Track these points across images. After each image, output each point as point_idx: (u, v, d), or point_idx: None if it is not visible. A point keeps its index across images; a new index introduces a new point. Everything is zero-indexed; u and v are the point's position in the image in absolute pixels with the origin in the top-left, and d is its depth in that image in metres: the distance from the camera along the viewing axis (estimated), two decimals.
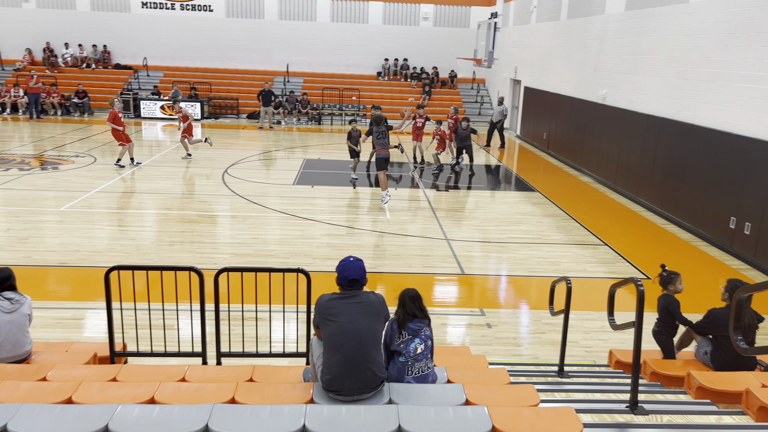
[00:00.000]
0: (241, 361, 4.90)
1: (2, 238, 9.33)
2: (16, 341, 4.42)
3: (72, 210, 10.95)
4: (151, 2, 26.07)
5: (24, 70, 24.94)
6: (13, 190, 12.05)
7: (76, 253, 8.76)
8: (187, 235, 9.85)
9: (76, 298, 7.41)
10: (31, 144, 17.45)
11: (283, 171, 15.24)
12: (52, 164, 14.62)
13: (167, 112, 23.48)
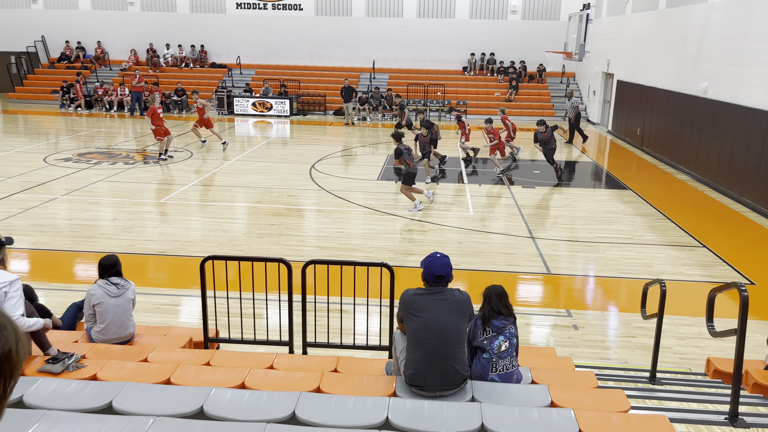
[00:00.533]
0: (325, 352, 5.02)
1: (109, 227, 10.01)
2: (121, 324, 4.74)
3: (170, 202, 11.58)
4: (244, 3, 27.07)
5: (129, 70, 26.60)
6: (119, 183, 12.90)
7: (174, 243, 9.26)
8: (275, 227, 10.18)
9: (173, 285, 7.84)
10: (135, 140, 18.60)
11: (368, 167, 15.42)
12: (153, 159, 15.52)
13: (259, 109, 24.33)
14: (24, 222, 10.02)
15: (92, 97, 24.84)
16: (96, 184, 12.71)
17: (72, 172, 13.67)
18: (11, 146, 16.74)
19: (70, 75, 25.98)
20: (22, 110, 24.10)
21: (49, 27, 27.78)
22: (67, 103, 24.50)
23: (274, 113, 24.41)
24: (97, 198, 11.79)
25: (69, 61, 27.45)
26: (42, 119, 22.39)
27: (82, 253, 8.81)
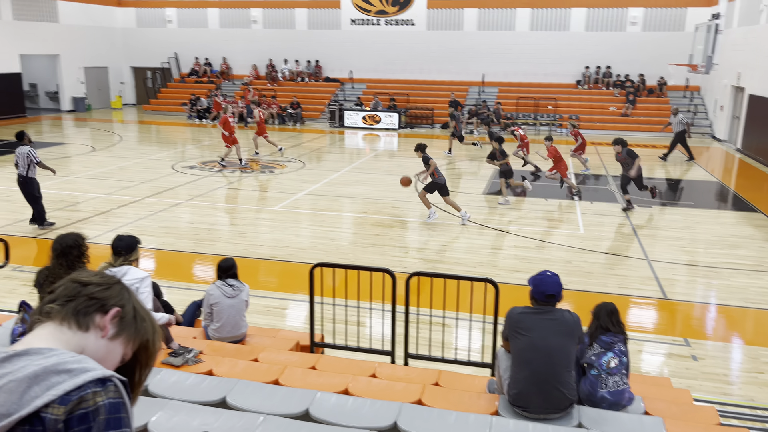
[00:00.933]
0: (426, 364, 5.01)
1: (226, 231, 10.62)
2: (234, 323, 5.01)
3: (283, 210, 12.09)
4: (359, 19, 27.89)
5: (250, 84, 28.18)
6: (236, 190, 13.66)
7: (285, 249, 9.66)
8: (380, 238, 10.34)
9: (282, 289, 8.16)
10: (252, 149, 19.64)
11: (474, 180, 15.29)
12: (268, 168, 16.31)
13: (368, 122, 24.89)
14: (152, 224, 10.85)
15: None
16: (216, 191, 13.54)
17: (196, 179, 14.65)
18: (144, 154, 18.23)
19: (198, 89, 27.93)
20: (155, 121, 26.22)
21: (181, 45, 30.07)
22: (194, 115, 26.32)
23: (383, 126, 24.86)
24: (216, 204, 12.55)
25: (197, 76, 29.54)
26: (172, 129, 24.22)
27: (202, 255, 9.40)
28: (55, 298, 1.33)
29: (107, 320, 1.33)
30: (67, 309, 1.31)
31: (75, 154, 18.01)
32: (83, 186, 13.79)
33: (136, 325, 1.36)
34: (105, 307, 1.33)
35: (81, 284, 1.35)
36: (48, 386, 1.14)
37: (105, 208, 11.82)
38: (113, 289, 1.37)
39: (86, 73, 29.07)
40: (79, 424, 1.14)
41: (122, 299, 1.37)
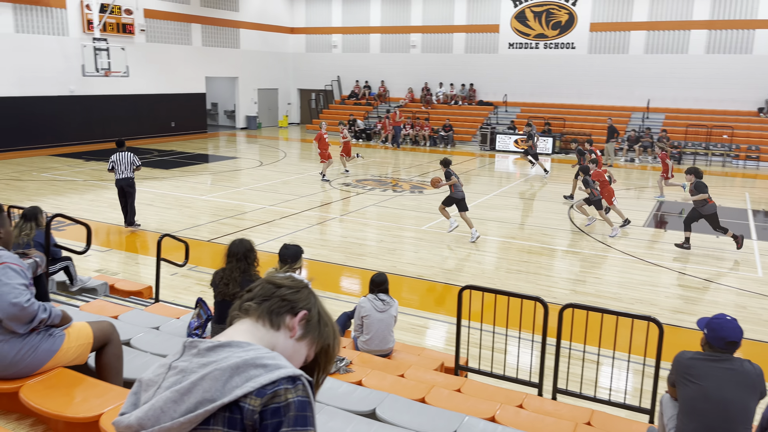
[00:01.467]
0: (576, 402, 4.74)
1: (375, 247, 10.93)
2: (383, 337, 5.11)
3: (430, 230, 12.21)
4: (517, 43, 27.62)
5: (405, 107, 28.98)
6: (387, 208, 14.05)
7: (430, 269, 9.72)
8: (528, 265, 10.04)
9: (426, 308, 8.20)
10: (403, 170, 20.12)
11: (633, 211, 14.36)
12: (418, 188, 16.60)
13: (521, 146, 24.45)
14: (309, 236, 11.49)
15: (372, 130, 27.60)
16: (368, 208, 14.03)
17: (350, 195, 15.30)
18: (305, 170, 19.41)
19: (356, 110, 29.29)
20: None
21: (344, 68, 31.78)
22: (351, 135, 27.56)
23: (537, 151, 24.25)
24: (367, 220, 12.99)
25: (356, 98, 31.00)
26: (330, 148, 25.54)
27: (352, 268, 9.75)
28: (253, 297, 1.44)
29: (296, 322, 1.42)
30: (263, 308, 1.41)
31: (245, 167, 19.66)
32: (250, 197, 14.98)
33: (320, 328, 1.44)
34: (294, 309, 1.43)
35: (275, 286, 1.45)
36: (247, 378, 1.24)
37: (268, 218, 12.73)
38: (302, 292, 1.46)
39: (259, 94, 31.74)
40: (272, 417, 1.22)
41: (309, 303, 1.45)
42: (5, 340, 2.80)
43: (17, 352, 2.82)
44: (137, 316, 5.16)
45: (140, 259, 10.05)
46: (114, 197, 14.69)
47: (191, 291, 8.34)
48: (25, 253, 3.48)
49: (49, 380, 2.84)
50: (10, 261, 2.83)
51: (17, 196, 13.98)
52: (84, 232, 6.63)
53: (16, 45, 20.40)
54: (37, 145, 21.38)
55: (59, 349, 2.94)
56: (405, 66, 30.21)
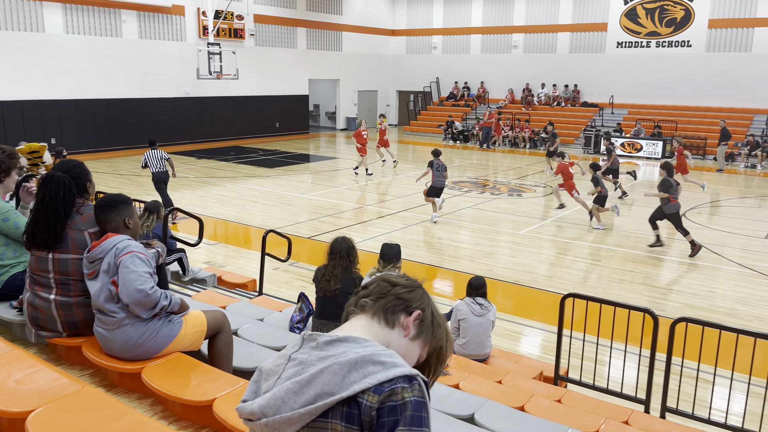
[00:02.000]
0: (687, 422, 4.45)
1: (471, 250, 10.82)
2: (480, 342, 5.05)
3: (529, 234, 11.92)
4: (626, 41, 26.38)
5: (505, 108, 28.49)
6: (484, 211, 13.86)
7: (529, 275, 9.49)
8: (633, 274, 9.56)
9: (523, 314, 8.01)
10: (501, 172, 19.78)
11: (753, 221, 13.30)
12: (516, 191, 16.25)
13: (627, 149, 23.34)
14: (405, 236, 11.55)
15: (469, 131, 27.35)
16: (464, 210, 13.91)
17: (446, 197, 15.24)
18: (402, 170, 19.55)
19: (455, 111, 29.15)
20: (413, 141, 28.01)
21: (443, 69, 31.72)
22: (448, 136, 27.48)
23: (644, 155, 23.08)
24: (463, 222, 12.88)
25: (455, 100, 30.84)
26: (427, 149, 25.60)
27: (447, 270, 9.70)
28: (368, 294, 1.47)
29: (410, 321, 1.43)
30: (378, 305, 1.44)
31: (343, 167, 20.10)
32: (348, 196, 15.29)
33: (433, 329, 1.45)
34: (409, 308, 1.44)
35: (390, 284, 1.47)
36: (365, 374, 1.26)
37: (365, 218, 12.94)
38: (416, 292, 1.47)
39: (359, 96, 32.35)
40: (389, 414, 1.23)
41: (423, 303, 1.46)
42: (131, 324, 3.03)
43: (141, 335, 3.04)
44: (243, 308, 5.40)
45: (244, 252, 10.53)
46: (222, 193, 15.44)
47: (292, 285, 8.64)
48: (149, 243, 3.75)
49: (168, 363, 3.04)
50: (137, 250, 3.05)
51: (137, 190, 15.08)
52: (196, 225, 7.04)
53: (140, 50, 22.03)
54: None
55: (177, 334, 3.14)
56: (506, 67, 29.69)
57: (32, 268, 3.29)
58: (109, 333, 3.05)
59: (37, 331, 3.34)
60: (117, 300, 3.02)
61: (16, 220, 3.74)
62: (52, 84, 19.86)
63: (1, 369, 2.73)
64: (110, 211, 3.17)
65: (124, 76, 21.71)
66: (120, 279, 2.97)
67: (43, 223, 3.16)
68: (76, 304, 3.24)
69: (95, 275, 3.07)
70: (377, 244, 10.21)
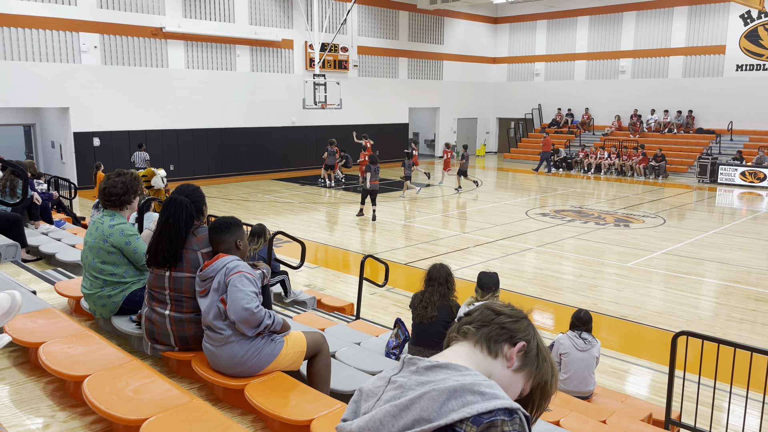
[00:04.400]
0: None
1: (574, 282, 10.41)
2: (582, 378, 4.82)
3: (636, 267, 11.30)
4: (747, 64, 24.72)
5: (611, 135, 27.44)
6: (588, 241, 13.33)
7: (636, 309, 8.98)
8: (756, 314, 8.79)
9: (630, 352, 7.57)
10: (607, 201, 18.98)
11: None
12: (623, 221, 15.51)
13: (748, 179, 21.70)
14: (503, 265, 11.32)
15: (573, 159, 26.55)
16: (566, 240, 13.44)
17: (548, 227, 14.82)
18: (500, 198, 19.27)
19: (557, 139, 28.43)
20: (513, 168, 27.59)
21: (545, 96, 31.14)
22: (551, 164, 26.81)
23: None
24: (565, 253, 12.44)
25: (558, 127, 30.11)
26: (528, 177, 25.11)
27: (548, 302, 9.38)
28: (471, 321, 1.45)
29: (514, 352, 1.40)
30: (482, 333, 1.42)
31: (441, 195, 20.10)
32: (446, 224, 15.25)
33: (537, 362, 1.41)
34: (513, 338, 1.41)
35: (495, 312, 1.45)
36: (464, 403, 1.23)
37: (462, 246, 12.83)
38: (521, 323, 1.44)
39: (458, 124, 32.40)
40: None
41: (529, 334, 1.43)
42: (236, 341, 3.17)
43: (245, 352, 3.17)
44: (341, 331, 5.50)
45: (343, 277, 10.74)
46: (325, 219, 15.93)
47: (388, 311, 8.69)
48: (255, 264, 3.92)
49: (269, 382, 3.14)
50: (245, 270, 3.21)
51: (245, 215, 15.87)
52: (299, 248, 7.29)
53: (251, 82, 23.39)
54: (262, 170, 24.17)
55: (279, 353, 3.24)
56: (612, 93, 28.67)
57: (151, 285, 3.54)
58: (216, 349, 3.21)
59: (153, 344, 3.57)
60: (225, 317, 3.17)
61: (137, 246, 4.05)
62: (173, 115, 21.49)
63: (121, 378, 2.94)
64: (224, 233, 3.37)
65: (237, 107, 23.10)
66: (228, 297, 3.13)
67: (166, 242, 3.40)
68: (188, 320, 3.44)
69: (206, 293, 3.25)
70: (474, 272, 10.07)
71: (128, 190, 4.14)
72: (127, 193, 4.13)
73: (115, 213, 4.13)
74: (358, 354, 4.43)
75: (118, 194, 4.09)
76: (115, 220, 4.07)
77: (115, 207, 4.14)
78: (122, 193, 4.11)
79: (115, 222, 4.05)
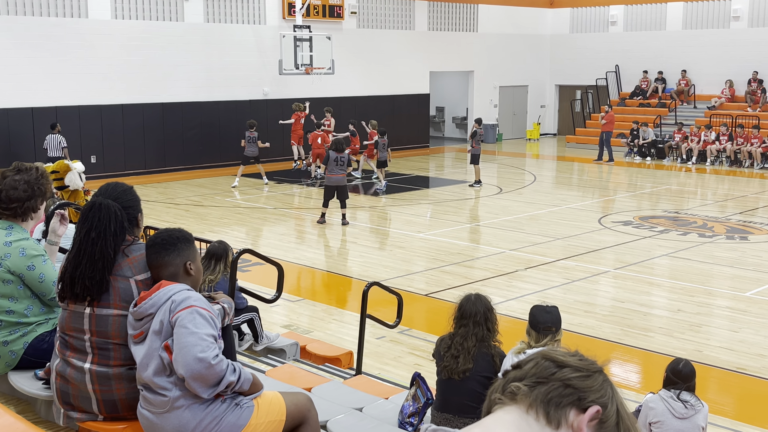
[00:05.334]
0: None
1: (670, 320, 10.39)
2: None
3: (758, 297, 11.28)
4: None
5: (719, 108, 27.42)
6: (688, 261, 13.32)
7: (760, 359, 8.95)
8: None
9: (750, 419, 7.55)
10: (715, 203, 18.96)
11: None
12: (740, 232, 15.49)
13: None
14: (566, 296, 11.32)
15: (666, 143, 26.53)
16: (657, 260, 13.44)
17: (630, 240, 14.81)
18: (563, 200, 19.28)
19: (642, 115, 28.44)
20: (580, 157, 27.60)
21: (626, 54, 31.15)
22: (634, 150, 26.79)
23: None
24: (656, 278, 12.44)
25: (644, 97, 30.12)
26: (602, 169, 25.10)
27: (632, 349, 9.37)
28: (523, 376, 1.45)
29: (584, 420, 1.39)
30: (537, 394, 1.42)
31: (479, 196, 20.14)
32: (485, 237, 15.27)
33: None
34: (582, 402, 1.41)
35: (556, 365, 1.45)
36: None
37: (508, 268, 12.84)
38: (594, 378, 1.44)
39: (501, 94, 32.45)
40: None
41: (605, 395, 1.43)
42: (186, 406, 3.18)
43: (199, 422, 3.18)
44: (335, 391, 5.50)
45: (338, 313, 10.77)
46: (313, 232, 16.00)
47: (402, 362, 8.70)
48: (212, 296, 3.93)
49: None
50: (199, 305, 3.22)
51: (198, 226, 15.92)
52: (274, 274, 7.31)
53: (206, 37, 23.49)
54: (222, 163, 24.20)
55: (246, 424, 3.25)
56: (722, 48, 28.63)
57: (63, 327, 3.55)
58: (157, 418, 3.22)
59: (67, 411, 3.59)
60: (170, 372, 3.18)
61: (44, 271, 4.03)
62: (94, 84, 21.50)
63: None
64: (168, 252, 3.38)
65: (185, 73, 23.19)
66: (175, 343, 3.13)
67: (87, 266, 3.40)
68: (116, 376, 3.45)
69: (143, 337, 3.26)
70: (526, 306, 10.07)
71: (34, 193, 4.14)
72: (32, 198, 4.13)
73: (14, 225, 4.13)
74: (359, 423, 4.43)
75: (21, 199, 4.10)
76: (14, 235, 4.08)
77: (15, 217, 4.14)
78: (26, 198, 4.11)
79: (14, 238, 4.06)
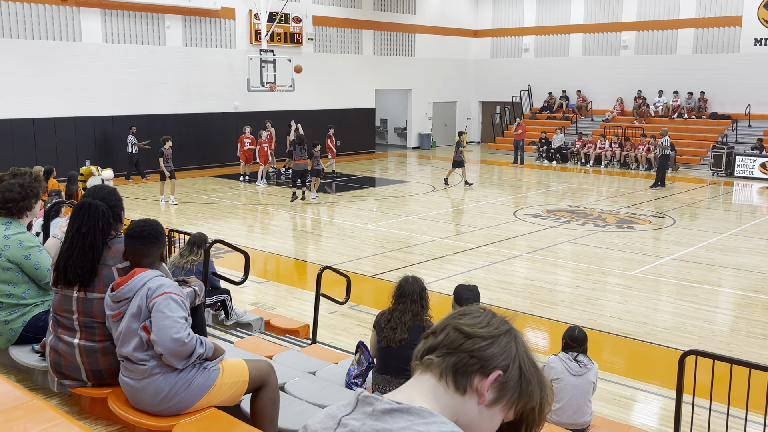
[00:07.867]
0: None
1: (570, 294, 10.58)
2: (577, 408, 4.91)
3: (642, 276, 11.54)
4: (766, 39, 25.45)
5: (612, 120, 27.95)
6: (585, 246, 13.56)
7: (641, 326, 9.16)
8: None
9: (634, 376, 7.72)
10: (608, 199, 19.33)
11: None
12: (627, 223, 15.82)
13: None
14: (487, 275, 11.44)
15: (568, 149, 26.96)
16: (561, 245, 13.65)
17: (539, 229, 15.02)
18: (485, 197, 19.47)
19: (549, 126, 28.84)
20: (499, 161, 27.89)
21: (536, 76, 31.56)
22: (543, 155, 27.18)
23: None
24: (560, 260, 12.63)
25: (550, 111, 30.54)
26: (516, 171, 25.40)
27: (539, 318, 9.51)
28: (436, 346, 1.40)
29: (486, 385, 1.35)
30: (447, 363, 1.36)
31: (415, 193, 20.22)
32: (421, 227, 15.33)
33: (520, 388, 1.37)
34: (485, 368, 1.35)
35: (464, 335, 1.38)
36: None
37: (439, 253, 12.92)
38: (498, 344, 1.37)
39: (434, 108, 32.60)
40: None
41: (507, 357, 1.37)
42: (161, 373, 3.14)
43: (172, 386, 3.14)
44: (293, 358, 5.49)
45: (298, 293, 10.71)
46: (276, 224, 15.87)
47: (351, 333, 8.70)
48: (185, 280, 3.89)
49: (202, 421, 3.12)
50: (171, 291, 3.18)
51: (177, 220, 15.69)
52: (242, 260, 7.25)
53: (185, 59, 23.13)
54: (198, 165, 23.90)
55: (213, 384, 3.23)
56: (613, 71, 29.20)
57: (56, 308, 3.48)
58: (137, 383, 3.18)
59: (60, 379, 3.52)
60: (147, 347, 3.14)
61: (39, 259, 3.98)
62: (88, 99, 21.08)
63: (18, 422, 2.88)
64: (153, 244, 3.32)
65: (166, 89, 22.82)
66: (153, 325, 3.09)
67: (78, 256, 3.34)
68: (101, 350, 3.39)
69: (120, 317, 3.21)
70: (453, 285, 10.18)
71: (28, 195, 4.09)
72: (26, 198, 4.09)
73: (12, 221, 4.06)
74: (312, 385, 4.42)
75: (15, 200, 4.05)
76: (12, 229, 4.01)
77: (12, 215, 4.08)
78: (20, 199, 4.06)
79: (12, 232, 3.98)
